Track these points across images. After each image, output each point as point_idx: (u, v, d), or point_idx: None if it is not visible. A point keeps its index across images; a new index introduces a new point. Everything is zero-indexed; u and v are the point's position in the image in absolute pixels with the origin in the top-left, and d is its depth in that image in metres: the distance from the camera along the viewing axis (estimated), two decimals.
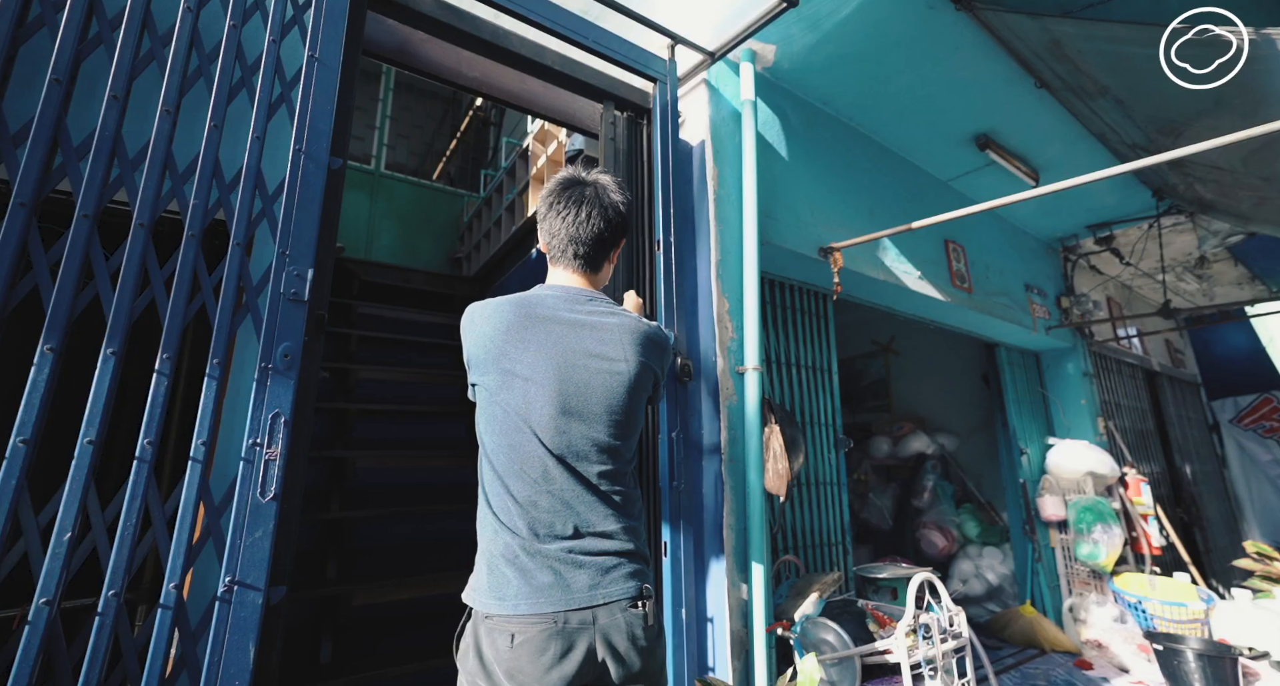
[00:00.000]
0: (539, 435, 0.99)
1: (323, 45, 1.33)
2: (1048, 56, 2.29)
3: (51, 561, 0.88)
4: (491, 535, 0.99)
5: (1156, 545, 3.70)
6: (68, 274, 0.99)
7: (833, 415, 2.70)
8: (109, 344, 1.00)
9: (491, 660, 0.92)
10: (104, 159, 1.06)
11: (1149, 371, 5.22)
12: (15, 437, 0.89)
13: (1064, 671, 3.16)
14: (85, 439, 0.95)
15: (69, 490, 0.92)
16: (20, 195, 0.98)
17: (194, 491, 1.02)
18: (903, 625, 1.62)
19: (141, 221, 1.08)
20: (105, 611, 0.90)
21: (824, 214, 2.61)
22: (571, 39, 1.84)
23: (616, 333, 1.07)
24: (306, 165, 1.23)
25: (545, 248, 1.19)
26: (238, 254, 1.15)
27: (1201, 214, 3.61)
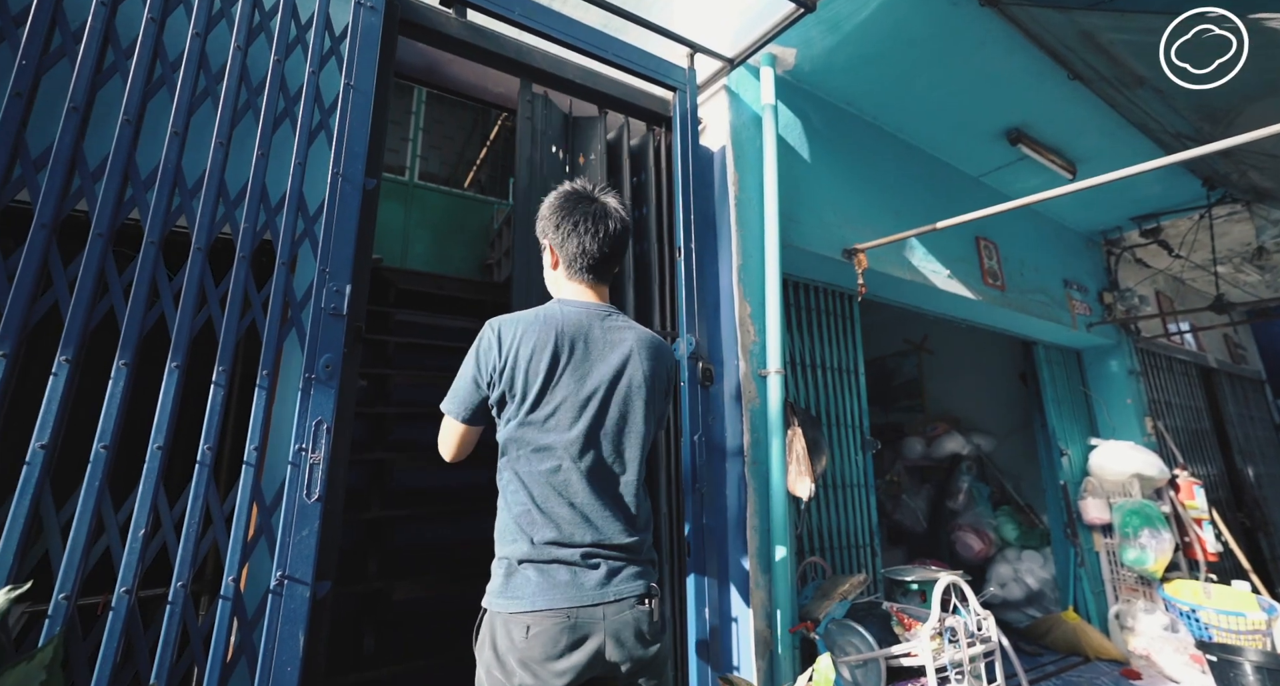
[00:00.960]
0: (568, 451, 1.05)
1: (358, 73, 1.43)
2: (1080, 48, 2.23)
3: (129, 554, 0.99)
4: (511, 541, 1.04)
5: (1212, 551, 3.52)
6: (138, 297, 1.10)
7: (859, 416, 2.68)
8: (173, 358, 1.11)
9: (506, 650, 0.96)
10: (167, 189, 1.17)
11: (1205, 368, 4.96)
12: (97, 444, 1.00)
13: (1110, 680, 3.06)
14: (155, 445, 1.05)
15: (142, 491, 1.03)
16: (98, 226, 1.09)
17: (248, 493, 1.12)
18: (927, 628, 1.61)
19: (199, 246, 1.18)
20: (175, 600, 1.00)
21: (848, 215, 2.59)
22: (592, 53, 1.90)
23: (635, 348, 1.14)
24: (344, 188, 1.33)
25: (554, 259, 1.20)
26: (283, 273, 1.25)
27: (1258, 203, 3.42)
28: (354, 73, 1.42)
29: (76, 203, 1.10)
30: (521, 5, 1.76)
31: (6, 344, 0.97)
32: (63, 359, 1.01)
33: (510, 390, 1.07)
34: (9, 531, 0.90)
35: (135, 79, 1.18)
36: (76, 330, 1.03)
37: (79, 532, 0.95)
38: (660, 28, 2.00)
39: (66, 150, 1.09)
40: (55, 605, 0.90)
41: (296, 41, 1.42)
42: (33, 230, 1.02)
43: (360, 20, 1.45)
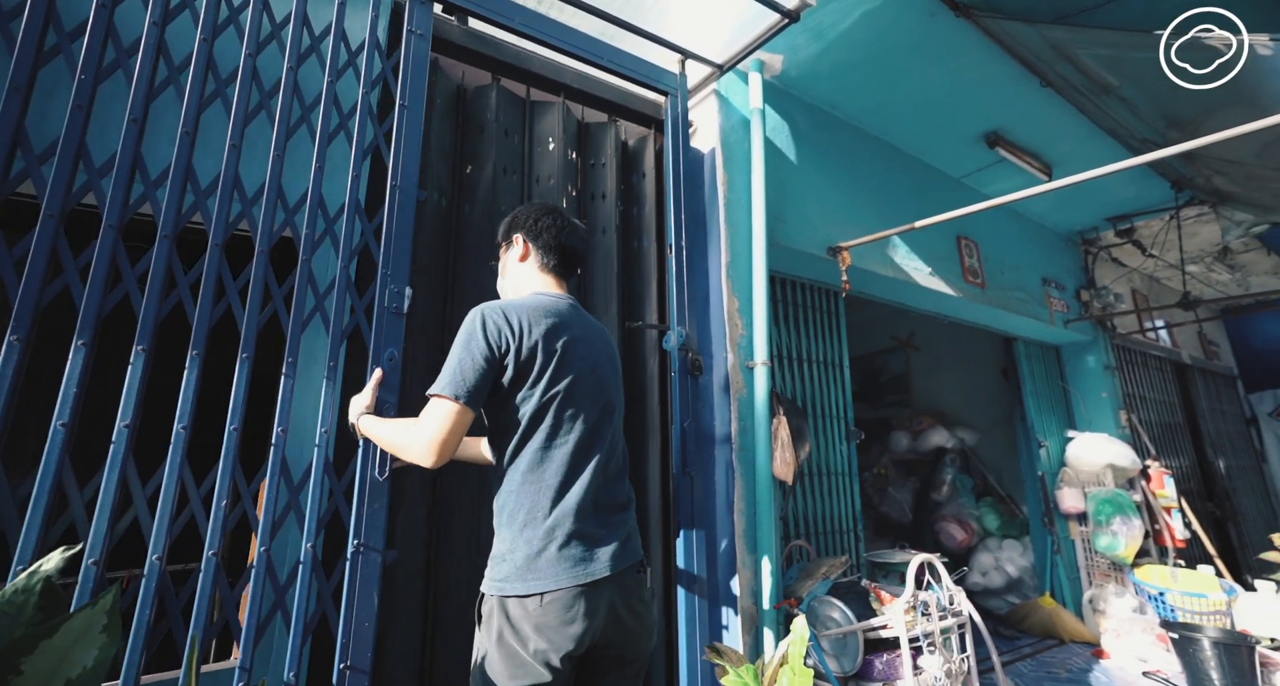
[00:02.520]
0: (580, 428, 1.11)
1: (411, 95, 1.53)
2: (1051, 58, 2.35)
3: (213, 524, 1.11)
4: (525, 524, 1.05)
5: (1180, 538, 3.68)
6: (205, 295, 1.21)
7: (844, 408, 2.79)
8: (244, 350, 1.23)
9: (520, 617, 1.00)
10: (226, 198, 1.27)
11: (1178, 364, 5.13)
12: (177, 424, 1.12)
13: (1082, 660, 3.20)
14: (231, 426, 1.18)
15: (221, 468, 1.16)
16: (215, 238, 1.18)
17: (321, 471, 1.24)
18: (901, 601, 1.73)
19: (262, 249, 1.30)
20: (258, 563, 1.14)
21: (833, 214, 2.70)
22: (588, 60, 1.99)
23: (604, 335, 1.28)
24: (401, 199, 1.44)
25: (527, 253, 1.27)
26: (343, 277, 1.38)
27: (1222, 205, 3.57)
28: (407, 94, 1.52)
29: (179, 211, 1.21)
30: (522, 14, 1.85)
31: (85, 334, 1.06)
32: (194, 353, 1.16)
33: (527, 369, 1.09)
34: (100, 506, 1.01)
35: (239, 108, 1.31)
36: (150, 323, 1.14)
37: (164, 504, 1.09)
38: (654, 36, 2.10)
39: (129, 158, 1.18)
40: (150, 565, 1.03)
41: (348, 65, 1.53)
42: (102, 231, 1.13)
43: (411, 47, 1.57)
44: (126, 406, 1.08)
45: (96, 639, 0.73)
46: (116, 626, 0.75)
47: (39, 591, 0.77)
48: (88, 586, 1.00)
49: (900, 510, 4.58)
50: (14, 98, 1.08)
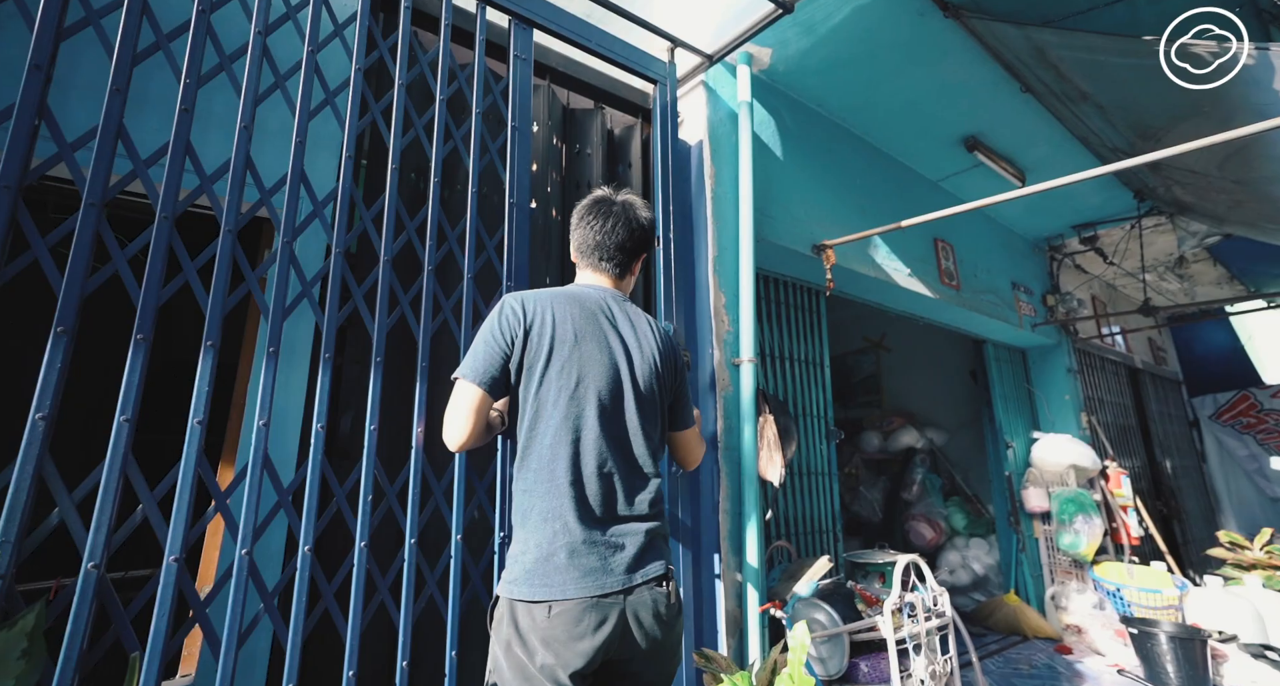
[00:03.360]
0: (593, 421, 1.06)
1: (520, 116, 1.64)
2: (1033, 63, 2.38)
3: (174, 527, 0.96)
4: (539, 522, 1.01)
5: (1135, 535, 3.83)
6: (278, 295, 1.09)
7: (824, 408, 2.78)
8: (326, 350, 1.22)
9: (528, 628, 0.95)
10: (237, 184, 1.13)
11: (1132, 368, 5.36)
12: (192, 419, 1.06)
13: (1045, 656, 3.28)
14: (259, 421, 1.12)
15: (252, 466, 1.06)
16: (227, 223, 1.04)
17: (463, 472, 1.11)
18: (889, 603, 1.71)
19: (388, 258, 1.30)
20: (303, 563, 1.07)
21: (817, 212, 2.69)
22: (575, 42, 1.90)
23: (647, 328, 1.19)
24: (518, 214, 1.56)
25: (575, 255, 1.28)
26: (431, 280, 1.38)
27: (1180, 215, 3.73)
28: (516, 116, 1.64)
29: None
30: None
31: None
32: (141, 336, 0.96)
33: (535, 360, 1.06)
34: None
35: (353, 118, 1.33)
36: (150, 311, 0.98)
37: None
38: (643, 21, 2.03)
39: (242, 161, 1.17)
40: (85, 574, 0.89)
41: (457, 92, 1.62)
42: (82, 210, 0.97)
43: (517, 72, 1.69)
44: (46, 394, 0.94)
45: (13, 667, 0.62)
46: (40, 650, 0.64)
47: None
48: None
49: (871, 509, 4.63)
50: None
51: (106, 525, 0.91)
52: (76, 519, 0.96)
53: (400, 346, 1.45)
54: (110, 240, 1.07)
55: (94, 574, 0.86)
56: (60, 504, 0.91)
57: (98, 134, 1.07)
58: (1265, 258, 4.45)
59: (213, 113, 1.35)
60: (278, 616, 1.11)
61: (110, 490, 0.94)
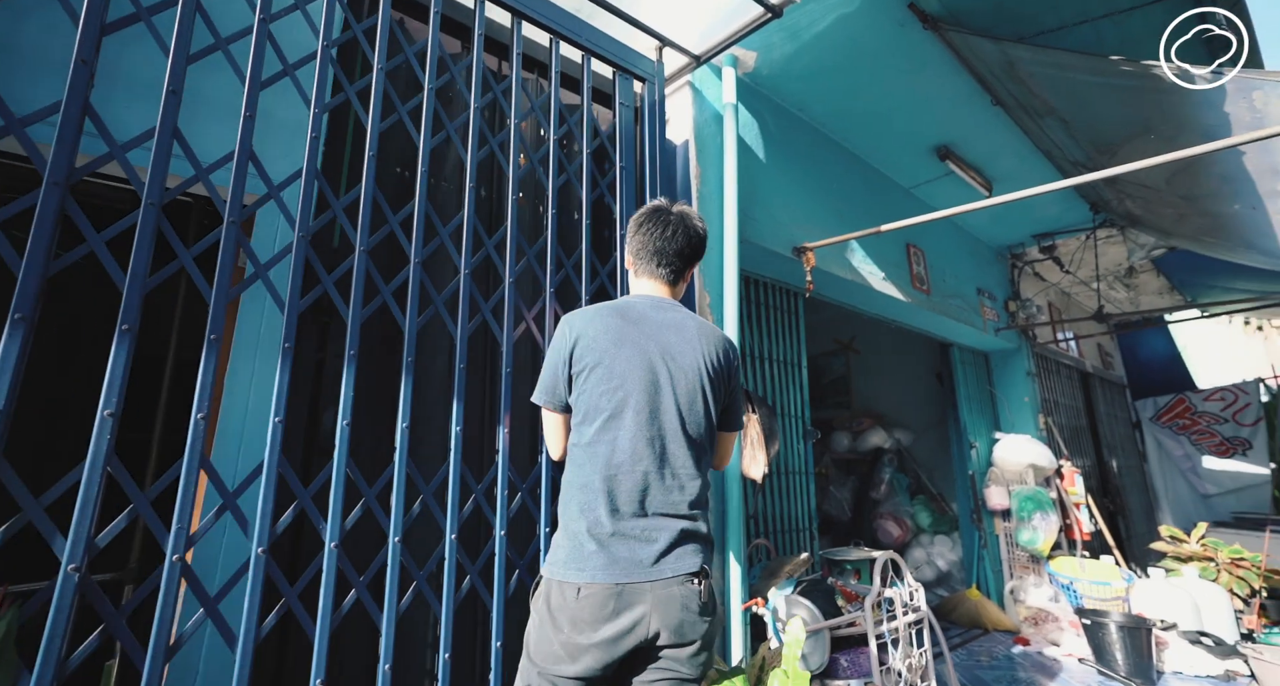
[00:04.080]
0: (630, 423, 1.12)
1: (625, 156, 1.88)
2: (1004, 77, 2.48)
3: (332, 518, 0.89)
4: (576, 514, 1.09)
5: (1087, 531, 4.02)
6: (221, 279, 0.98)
7: (802, 408, 2.83)
8: (409, 353, 1.22)
9: (558, 607, 1.03)
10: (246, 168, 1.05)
11: (1083, 372, 5.64)
12: (273, 417, 1.06)
13: (1004, 648, 3.41)
14: (343, 421, 1.14)
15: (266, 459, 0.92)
16: (233, 215, 0.96)
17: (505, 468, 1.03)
18: (870, 599, 1.74)
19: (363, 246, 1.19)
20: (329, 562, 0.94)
21: (797, 215, 2.73)
22: (568, 37, 1.88)
23: (694, 332, 1.22)
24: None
25: (631, 263, 1.34)
26: (418, 272, 1.16)
27: (1131, 228, 3.94)
28: (621, 155, 1.91)
29: None
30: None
31: None
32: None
33: (582, 366, 1.15)
34: None
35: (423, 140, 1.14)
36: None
37: None
38: (634, 19, 2.02)
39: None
40: (64, 577, 0.82)
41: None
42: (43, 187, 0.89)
43: (620, 117, 1.96)
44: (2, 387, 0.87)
45: None
46: (12, 658, 0.59)
47: None
48: None
49: (840, 508, 4.74)
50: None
51: (89, 526, 0.84)
52: (48, 521, 0.89)
53: (387, 339, 1.40)
54: (85, 223, 0.99)
55: (74, 576, 0.80)
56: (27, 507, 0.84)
57: None
58: (1203, 270, 4.75)
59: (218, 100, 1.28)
60: (223, 622, 1.06)
61: (93, 489, 0.88)
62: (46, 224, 0.94)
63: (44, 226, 0.94)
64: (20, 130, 0.98)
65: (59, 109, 1.01)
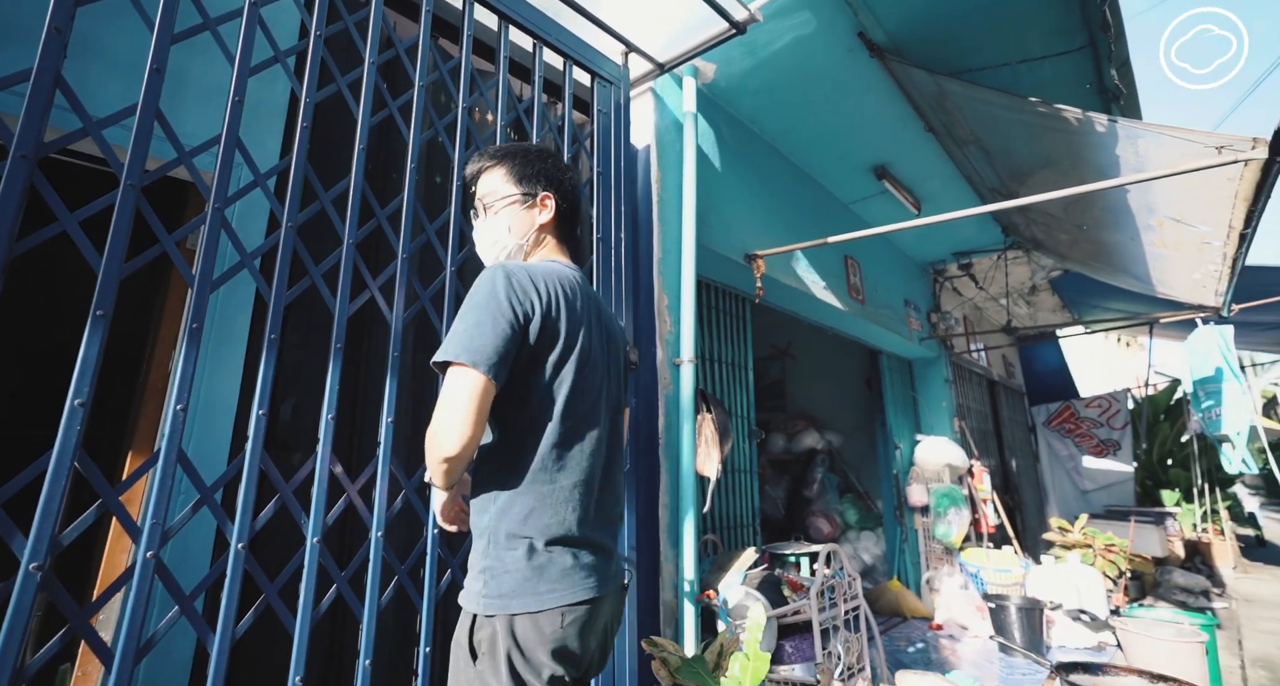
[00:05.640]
0: (596, 424, 0.96)
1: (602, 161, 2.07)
2: (935, 107, 2.71)
3: None
4: (538, 530, 0.88)
5: (992, 524, 4.44)
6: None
7: (748, 408, 2.95)
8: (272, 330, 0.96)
9: (535, 645, 0.84)
10: None
11: (990, 381, 6.20)
12: (326, 415, 1.06)
13: (920, 633, 3.70)
14: (387, 419, 1.09)
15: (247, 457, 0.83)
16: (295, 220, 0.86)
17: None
18: (815, 587, 1.85)
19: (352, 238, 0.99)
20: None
21: (749, 223, 2.85)
22: (536, 34, 1.88)
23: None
24: (603, 248, 1.88)
25: (552, 218, 1.08)
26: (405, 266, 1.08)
27: (1035, 250, 4.40)
28: (599, 160, 1.94)
29: None
30: None
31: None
32: None
33: (547, 347, 0.92)
34: None
35: None
36: None
37: None
38: (603, 23, 2.05)
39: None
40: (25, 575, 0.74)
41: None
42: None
43: (598, 125, 1.95)
44: None
45: None
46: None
47: None
48: None
49: (775, 506, 4.94)
50: None
51: (52, 520, 0.77)
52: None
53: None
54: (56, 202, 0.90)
55: (35, 576, 0.72)
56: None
57: None
58: (1088, 291, 5.37)
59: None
60: (199, 620, 0.99)
61: (59, 482, 0.80)
62: (11, 199, 0.85)
63: (8, 202, 0.85)
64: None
65: (29, 77, 0.91)
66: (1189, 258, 2.71)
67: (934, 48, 2.36)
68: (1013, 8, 2.04)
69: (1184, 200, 2.15)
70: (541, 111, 1.89)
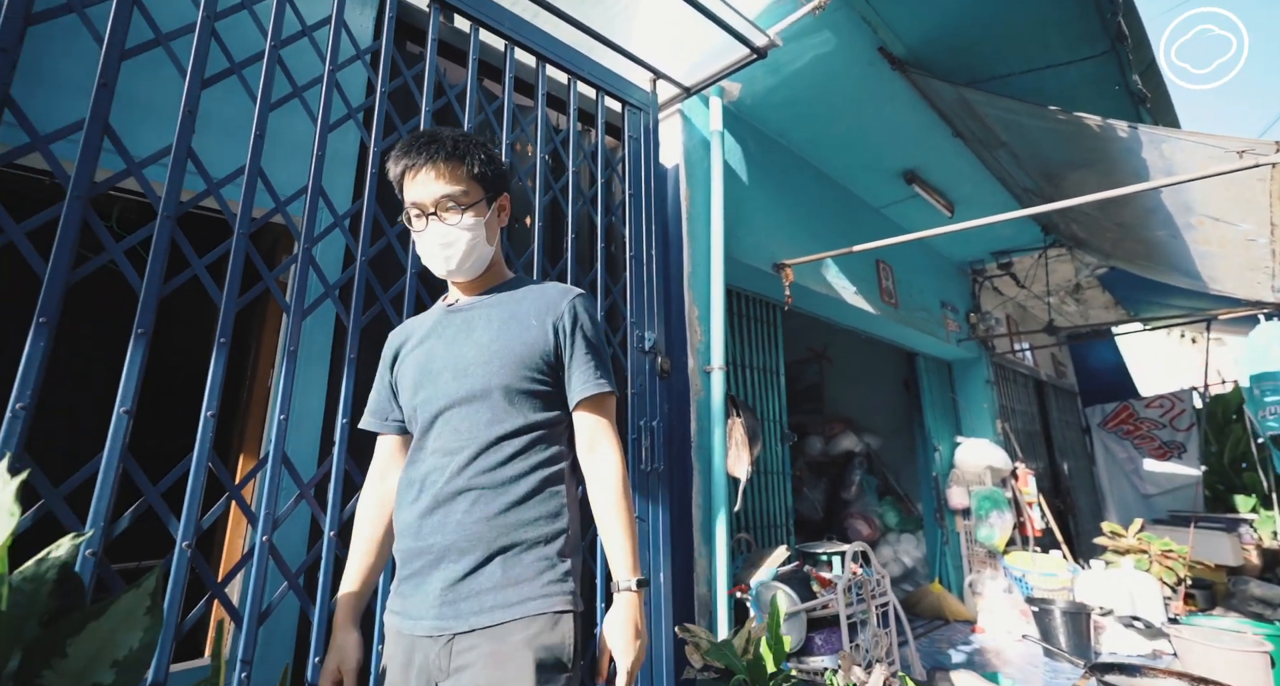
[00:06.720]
0: None
1: (632, 183, 2.14)
2: (962, 113, 2.75)
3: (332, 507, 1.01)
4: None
5: (1038, 528, 4.34)
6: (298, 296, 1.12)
7: (780, 412, 3.04)
8: (351, 351, 1.13)
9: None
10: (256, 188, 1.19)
11: (1038, 381, 6.03)
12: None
13: (963, 636, 3.68)
14: (343, 419, 1.08)
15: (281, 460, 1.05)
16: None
17: None
18: (842, 582, 1.94)
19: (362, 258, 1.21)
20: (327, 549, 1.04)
21: (777, 233, 2.95)
22: (570, 70, 2.06)
23: None
24: (635, 266, 2.06)
25: (506, 217, 1.11)
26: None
27: (1077, 248, 4.30)
28: (629, 183, 2.11)
29: None
30: (510, 19, 1.89)
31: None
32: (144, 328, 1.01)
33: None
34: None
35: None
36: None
37: None
38: (632, 55, 2.21)
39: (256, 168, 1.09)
40: (179, 553, 0.94)
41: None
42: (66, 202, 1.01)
43: (628, 150, 2.12)
44: (126, 392, 1.01)
45: (141, 620, 0.71)
46: (160, 609, 0.73)
47: (52, 579, 0.73)
48: (86, 576, 0.92)
49: (813, 509, 4.97)
50: None
51: (197, 509, 0.98)
52: (164, 506, 1.03)
53: None
54: (104, 233, 1.09)
55: (187, 552, 0.93)
56: (148, 495, 0.98)
57: (82, 128, 1.13)
58: (1142, 287, 5.17)
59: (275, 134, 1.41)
60: (303, 594, 1.20)
61: (200, 478, 1.01)
62: (69, 235, 1.02)
63: (67, 236, 1.02)
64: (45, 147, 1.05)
65: (82, 126, 1.08)
66: (1237, 254, 2.64)
67: (956, 57, 2.41)
68: (1030, 18, 2.08)
69: (1220, 200, 2.13)
70: (576, 141, 2.06)
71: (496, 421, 0.93)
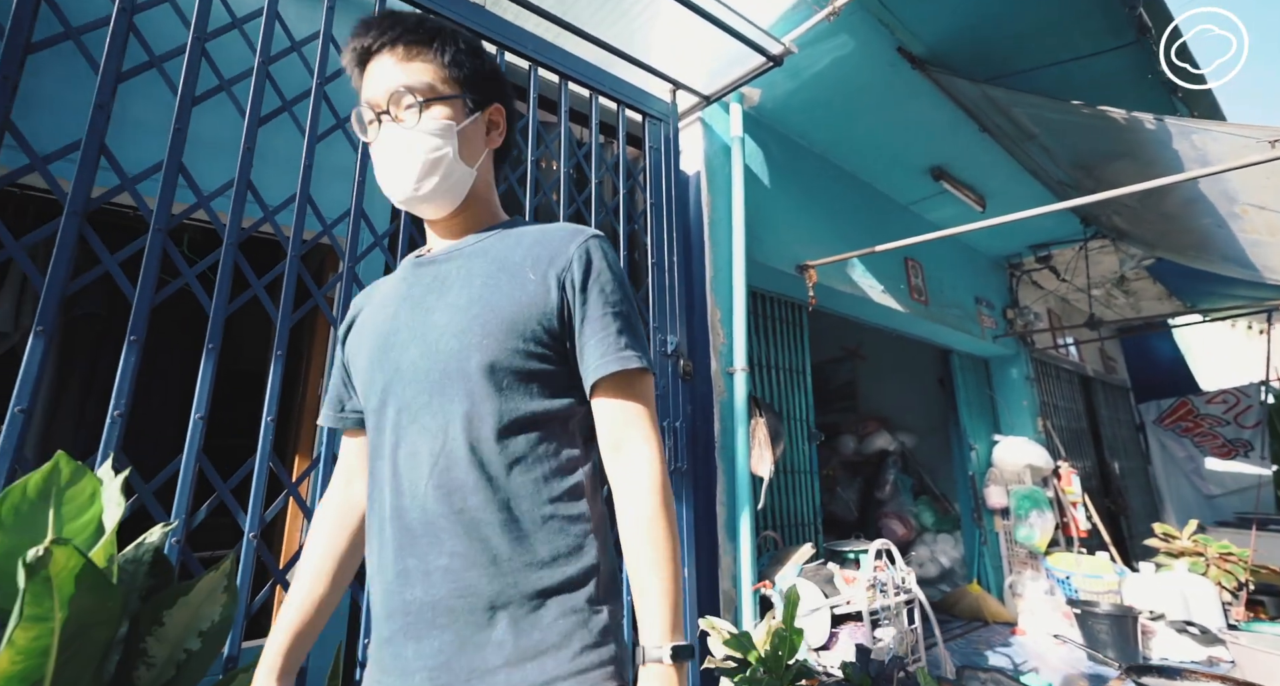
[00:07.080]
0: None
1: (654, 194, 2.21)
2: (988, 109, 2.71)
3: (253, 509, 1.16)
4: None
5: (1083, 528, 4.20)
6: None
7: (807, 412, 3.06)
8: (278, 347, 1.27)
9: None
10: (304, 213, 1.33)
11: (1084, 376, 5.80)
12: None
13: (1002, 638, 3.61)
14: (267, 417, 1.21)
15: None
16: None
17: None
18: (863, 579, 1.97)
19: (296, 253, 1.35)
20: None
21: (800, 235, 2.98)
22: (592, 86, 2.15)
23: None
24: (655, 272, 2.15)
25: (501, 138, 0.84)
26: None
27: (1119, 240, 4.14)
28: (651, 192, 2.23)
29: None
30: (533, 41, 1.99)
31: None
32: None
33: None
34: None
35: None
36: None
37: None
38: (652, 68, 2.29)
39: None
40: (246, 543, 1.07)
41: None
42: (151, 234, 1.16)
43: (649, 160, 2.19)
44: (200, 400, 1.15)
45: (219, 598, 0.83)
46: (235, 588, 0.85)
47: (148, 561, 0.86)
48: (172, 560, 1.06)
49: (847, 509, 4.94)
50: None
51: (260, 504, 1.12)
52: (234, 500, 1.18)
53: None
54: (179, 259, 1.23)
55: (254, 542, 1.07)
56: (220, 491, 1.12)
57: (164, 166, 1.28)
58: (1197, 277, 4.91)
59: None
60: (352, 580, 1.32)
61: (263, 477, 1.15)
62: (65, 249, 1.07)
63: (63, 252, 1.13)
64: (43, 166, 1.09)
65: (79, 147, 1.12)
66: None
67: (976, 54, 2.39)
68: (1050, 13, 2.05)
69: (1263, 187, 2.05)
70: (599, 153, 2.15)
71: (479, 416, 0.66)
